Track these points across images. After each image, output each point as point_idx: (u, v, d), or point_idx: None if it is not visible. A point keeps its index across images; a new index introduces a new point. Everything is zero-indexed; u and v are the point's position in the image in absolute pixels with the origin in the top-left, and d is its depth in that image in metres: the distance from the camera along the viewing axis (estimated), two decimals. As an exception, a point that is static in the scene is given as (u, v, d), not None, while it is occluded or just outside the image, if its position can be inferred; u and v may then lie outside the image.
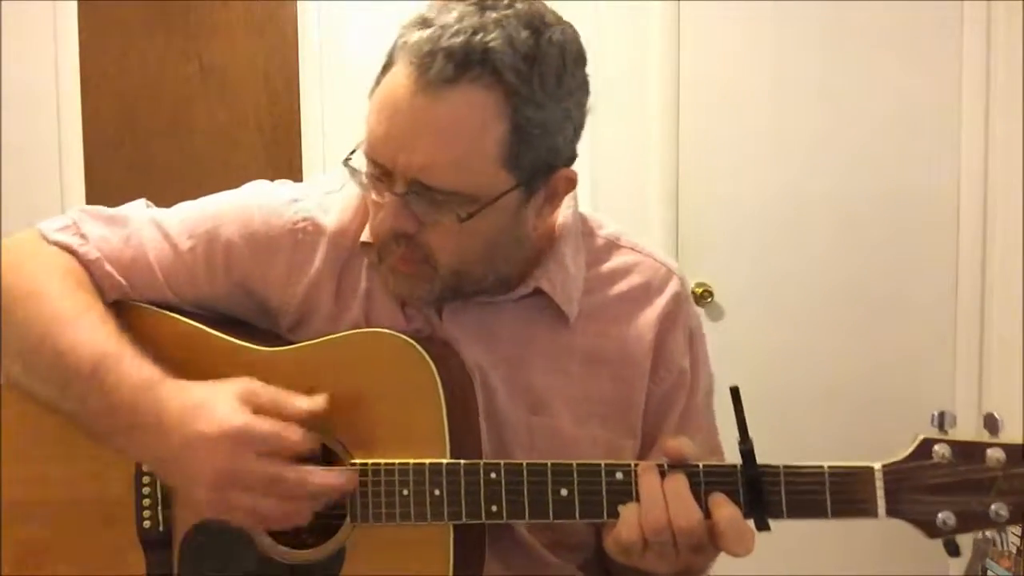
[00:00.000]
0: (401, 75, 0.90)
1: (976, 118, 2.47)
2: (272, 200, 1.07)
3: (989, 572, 2.15)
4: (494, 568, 1.02)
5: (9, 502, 1.02)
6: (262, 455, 0.89)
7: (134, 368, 0.94)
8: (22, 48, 2.55)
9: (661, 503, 0.88)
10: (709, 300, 2.55)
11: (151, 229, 1.06)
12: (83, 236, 1.05)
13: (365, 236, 1.03)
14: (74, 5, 2.56)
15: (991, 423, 0.88)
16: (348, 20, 2.53)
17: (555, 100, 0.91)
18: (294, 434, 0.90)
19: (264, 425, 0.89)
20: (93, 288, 1.02)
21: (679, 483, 0.89)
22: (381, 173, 0.93)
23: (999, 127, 2.45)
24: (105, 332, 0.96)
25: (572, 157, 0.98)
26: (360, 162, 0.95)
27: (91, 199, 2.56)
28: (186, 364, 1.00)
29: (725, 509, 0.89)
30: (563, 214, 1.07)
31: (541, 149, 0.93)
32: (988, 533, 2.13)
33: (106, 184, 2.59)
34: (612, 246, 1.10)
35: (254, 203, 1.07)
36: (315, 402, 0.93)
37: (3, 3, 2.52)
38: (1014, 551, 2.08)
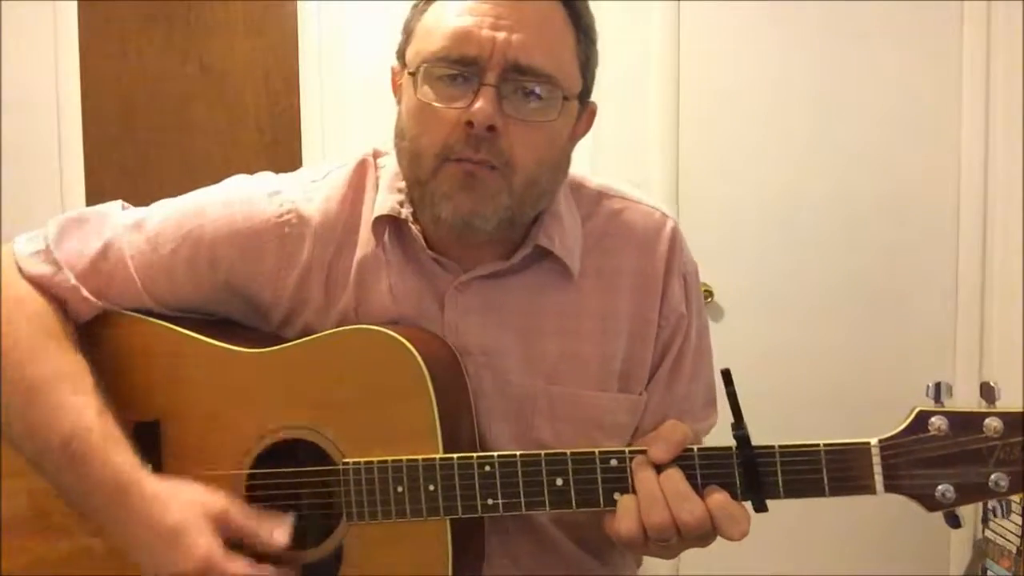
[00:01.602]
0: None
1: (976, 118, 2.46)
2: (254, 194, 1.06)
3: (989, 572, 2.15)
4: (497, 557, 1.02)
5: (11, 516, 1.02)
6: None
7: (107, 456, 0.92)
8: (22, 48, 2.55)
9: (661, 502, 0.87)
10: (709, 300, 2.55)
11: (130, 233, 1.05)
12: (55, 262, 1.03)
13: (380, 211, 1.03)
14: (74, 5, 2.56)
15: (988, 392, 0.86)
16: (348, 20, 2.53)
17: (594, 36, 1.01)
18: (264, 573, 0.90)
19: (234, 567, 0.89)
20: (66, 337, 1.00)
21: (676, 479, 0.89)
22: (467, 71, 0.93)
23: (999, 127, 2.45)
24: (77, 404, 0.94)
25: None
26: (431, 72, 0.95)
27: (91, 199, 2.57)
28: (174, 372, 1.00)
29: (715, 495, 0.88)
30: None
31: (593, 68, 1.02)
32: (988, 533, 2.13)
33: (106, 184, 2.59)
34: (602, 196, 1.11)
35: (236, 198, 1.05)
36: (282, 537, 0.93)
37: (3, 3, 2.52)
38: (1014, 551, 2.08)
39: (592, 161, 2.40)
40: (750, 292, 2.56)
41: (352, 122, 2.52)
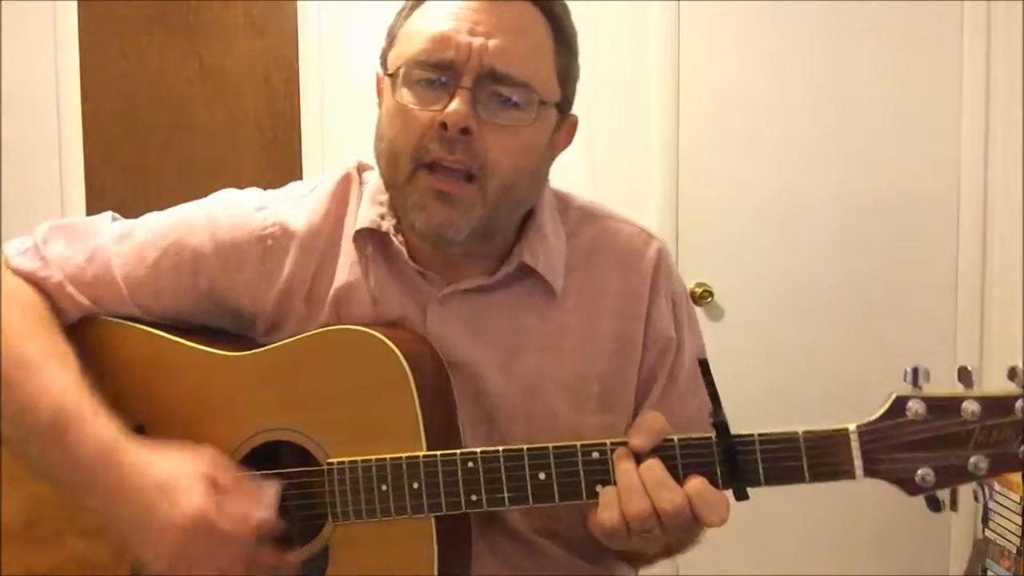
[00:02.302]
0: None
1: (976, 118, 2.46)
2: (239, 208, 1.07)
3: (989, 572, 2.15)
4: (486, 559, 1.02)
5: (7, 522, 1.02)
6: (219, 545, 0.88)
7: (93, 426, 0.92)
8: (22, 48, 2.55)
9: (641, 491, 0.88)
10: (709, 300, 2.55)
11: (116, 243, 1.06)
12: (44, 259, 1.04)
13: (361, 223, 1.03)
14: (74, 5, 2.56)
15: (964, 376, 0.87)
16: (348, 20, 2.53)
17: (575, 47, 1.02)
18: (253, 529, 0.90)
19: (225, 518, 0.88)
20: (54, 324, 1.01)
21: (655, 468, 0.89)
22: (443, 75, 0.94)
23: (999, 127, 2.45)
24: (64, 382, 0.95)
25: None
26: (409, 74, 0.96)
27: (91, 199, 2.56)
28: (157, 376, 1.01)
29: (691, 481, 0.89)
30: None
31: (573, 80, 1.03)
32: (988, 533, 2.13)
33: (106, 184, 2.59)
34: (588, 215, 1.11)
35: (221, 212, 1.06)
36: (270, 496, 0.93)
37: (3, 3, 2.52)
38: (1014, 551, 2.08)
39: (591, 161, 2.41)
40: (750, 292, 2.56)
41: (352, 122, 2.52)
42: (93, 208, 2.34)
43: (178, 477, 0.90)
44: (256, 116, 2.59)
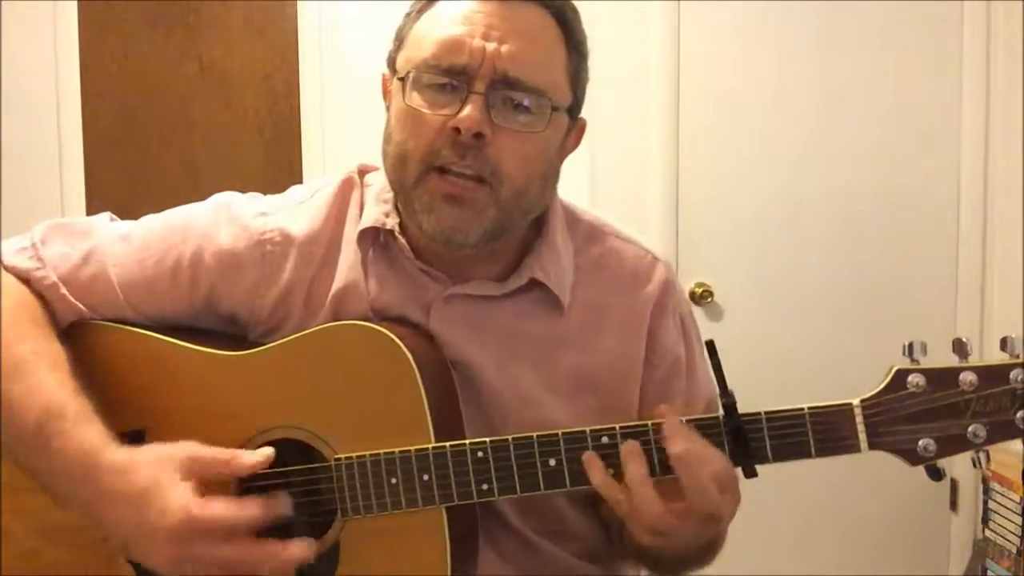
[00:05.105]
0: None
1: (976, 118, 2.47)
2: (239, 213, 1.06)
3: (989, 572, 2.15)
4: (489, 558, 1.03)
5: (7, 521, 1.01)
6: (216, 540, 0.87)
7: (76, 433, 0.91)
8: (22, 48, 2.55)
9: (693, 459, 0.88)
10: (709, 300, 2.55)
11: (115, 243, 1.06)
12: (40, 259, 1.03)
13: (365, 223, 1.03)
14: (74, 5, 2.55)
15: (960, 348, 0.91)
16: (348, 20, 2.53)
17: (585, 51, 1.02)
18: (247, 511, 0.89)
19: (214, 511, 0.87)
20: (47, 325, 1.00)
21: (695, 440, 0.90)
22: (455, 81, 0.94)
23: (999, 127, 2.45)
24: (52, 385, 0.94)
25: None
26: (420, 78, 0.95)
27: (91, 199, 2.56)
28: (155, 379, 1.00)
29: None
30: None
31: (583, 84, 1.02)
32: (988, 533, 2.13)
33: (106, 184, 2.58)
34: (596, 232, 1.11)
35: (222, 217, 1.06)
36: (260, 454, 0.92)
37: (3, 3, 2.52)
38: (1014, 551, 2.08)
39: (592, 162, 2.41)
40: (750, 292, 2.56)
41: (352, 122, 2.52)
42: (93, 208, 2.34)
43: (158, 480, 0.88)
44: (256, 116, 2.59)
